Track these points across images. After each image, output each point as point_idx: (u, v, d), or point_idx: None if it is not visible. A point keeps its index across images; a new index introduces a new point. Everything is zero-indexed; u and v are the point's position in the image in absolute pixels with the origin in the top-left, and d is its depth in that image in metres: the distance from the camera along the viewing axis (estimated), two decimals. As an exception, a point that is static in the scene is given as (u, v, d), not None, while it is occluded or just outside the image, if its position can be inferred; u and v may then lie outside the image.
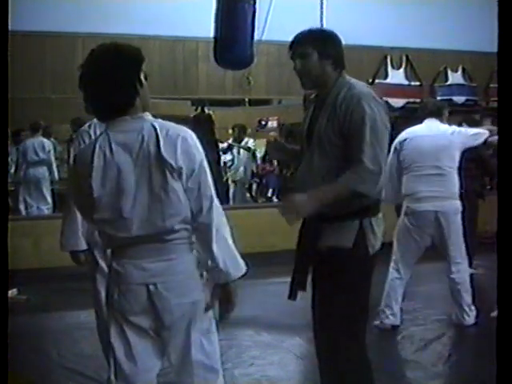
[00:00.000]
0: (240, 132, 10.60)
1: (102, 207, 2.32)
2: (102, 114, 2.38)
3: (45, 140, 9.37)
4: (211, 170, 2.58)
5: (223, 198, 9.96)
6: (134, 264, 2.33)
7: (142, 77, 2.35)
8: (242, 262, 2.37)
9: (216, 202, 2.32)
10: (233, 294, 2.37)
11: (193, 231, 2.34)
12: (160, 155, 2.25)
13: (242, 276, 2.36)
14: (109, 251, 2.49)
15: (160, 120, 2.36)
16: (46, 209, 9.27)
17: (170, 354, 2.40)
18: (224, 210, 2.36)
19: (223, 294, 2.37)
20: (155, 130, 2.29)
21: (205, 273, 2.41)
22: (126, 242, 2.33)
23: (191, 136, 2.34)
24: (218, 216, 2.31)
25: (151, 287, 2.31)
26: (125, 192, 2.28)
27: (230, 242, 2.34)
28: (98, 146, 2.33)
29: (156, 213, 2.28)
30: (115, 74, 2.28)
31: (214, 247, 2.28)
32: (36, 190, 9.35)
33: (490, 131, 5.22)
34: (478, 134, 5.22)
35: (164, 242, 2.31)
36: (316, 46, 2.91)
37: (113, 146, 2.31)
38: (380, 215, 2.97)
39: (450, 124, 5.25)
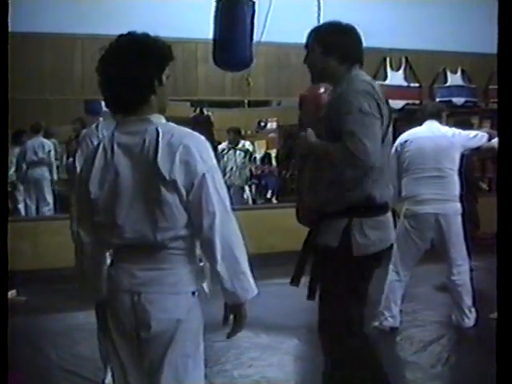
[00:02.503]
0: (235, 135, 10.61)
1: (99, 210, 2.22)
2: (113, 105, 2.24)
3: (45, 140, 9.38)
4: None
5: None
6: (124, 269, 2.21)
7: (164, 76, 2.21)
8: (252, 284, 2.19)
9: (224, 216, 2.13)
10: (242, 317, 2.21)
11: (200, 245, 2.21)
12: (155, 164, 2.10)
13: None
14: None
15: (170, 124, 2.21)
16: (48, 210, 9.26)
17: (145, 371, 2.26)
18: None
19: (233, 314, 2.22)
20: (157, 134, 2.13)
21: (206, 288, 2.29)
22: (119, 247, 2.22)
23: (198, 144, 2.15)
24: (227, 233, 2.13)
25: (135, 297, 2.17)
26: (121, 197, 2.16)
27: (242, 260, 2.15)
28: (101, 147, 2.23)
29: (147, 224, 2.14)
30: (132, 64, 2.14)
31: (219, 266, 2.12)
32: (36, 190, 9.35)
33: (490, 134, 5.23)
34: (477, 136, 5.23)
35: (157, 250, 2.17)
36: (319, 41, 2.94)
37: (115, 147, 2.18)
38: (382, 218, 2.94)
39: (449, 126, 5.27)
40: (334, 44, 2.93)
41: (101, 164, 2.20)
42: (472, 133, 5.31)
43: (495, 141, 5.04)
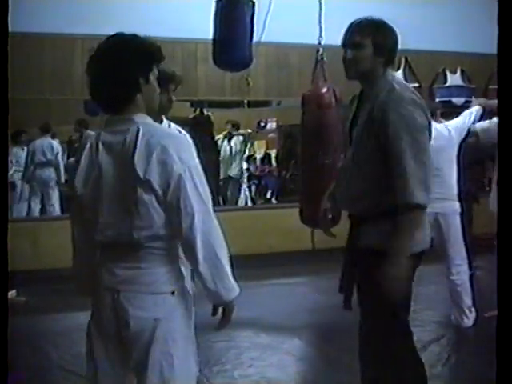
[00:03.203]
0: (233, 128, 10.72)
1: (84, 206, 2.27)
2: (99, 104, 2.25)
3: (53, 142, 9.40)
4: (210, 171, 2.49)
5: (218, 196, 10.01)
6: (106, 267, 2.24)
7: (152, 76, 2.23)
8: (234, 283, 2.20)
9: (205, 216, 2.14)
10: (230, 311, 2.23)
11: (176, 245, 2.24)
12: (132, 164, 2.11)
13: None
14: None
15: (154, 124, 2.25)
16: (55, 210, 9.27)
17: (130, 370, 2.29)
18: (222, 211, 2.26)
19: (222, 310, 2.23)
20: (137, 134, 2.15)
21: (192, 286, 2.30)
22: (103, 244, 2.26)
23: (177, 145, 2.17)
24: (208, 233, 2.14)
25: (115, 295, 2.20)
26: (103, 194, 2.19)
27: (224, 260, 2.16)
28: (88, 145, 2.27)
29: (125, 222, 2.16)
30: (117, 63, 2.17)
31: (201, 267, 2.13)
32: (43, 191, 9.35)
33: (483, 106, 5.26)
34: (471, 114, 5.25)
35: (135, 249, 2.19)
36: (374, 39, 2.77)
37: (99, 145, 2.22)
38: (423, 218, 2.89)
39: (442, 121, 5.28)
40: (386, 45, 2.81)
41: (86, 161, 2.25)
42: (466, 119, 5.29)
43: (478, 126, 5.19)
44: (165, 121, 3.56)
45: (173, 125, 3.58)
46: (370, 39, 2.77)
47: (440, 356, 4.52)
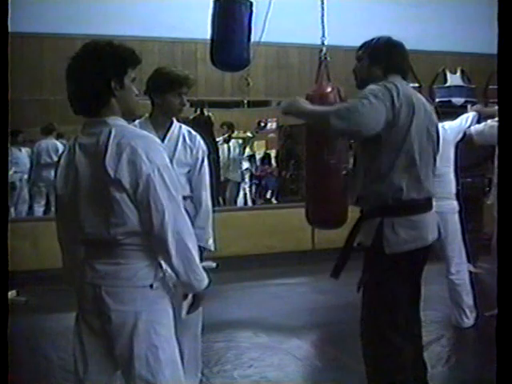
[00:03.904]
0: (228, 129, 10.72)
1: (65, 206, 2.38)
2: (75, 108, 2.32)
3: (58, 143, 9.37)
4: (210, 170, 2.48)
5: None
6: (88, 263, 2.33)
7: (128, 80, 2.30)
8: (204, 274, 2.31)
9: (176, 212, 2.23)
10: (199, 298, 2.35)
11: (151, 241, 2.29)
12: (104, 164, 2.20)
13: (207, 287, 2.32)
14: None
15: (126, 126, 2.32)
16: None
17: (117, 363, 2.35)
18: (222, 211, 2.31)
19: (192, 299, 2.36)
20: (109, 135, 2.23)
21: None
22: (84, 241, 2.35)
23: (146, 145, 2.23)
24: (179, 228, 2.23)
25: (96, 289, 2.29)
26: (80, 194, 2.29)
27: (194, 253, 2.27)
28: (67, 147, 2.38)
29: (101, 220, 2.25)
30: (90, 69, 2.25)
31: (174, 261, 2.22)
32: (49, 191, 9.33)
33: (479, 112, 5.28)
34: (467, 122, 5.27)
35: (112, 245, 2.27)
36: (368, 52, 3.25)
37: (76, 147, 2.32)
38: (414, 218, 3.12)
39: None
40: (380, 54, 3.24)
41: (65, 163, 2.36)
42: (463, 122, 5.32)
43: (472, 129, 5.18)
44: (175, 122, 3.61)
45: (184, 126, 3.64)
46: (366, 53, 3.26)
47: (440, 356, 4.52)
